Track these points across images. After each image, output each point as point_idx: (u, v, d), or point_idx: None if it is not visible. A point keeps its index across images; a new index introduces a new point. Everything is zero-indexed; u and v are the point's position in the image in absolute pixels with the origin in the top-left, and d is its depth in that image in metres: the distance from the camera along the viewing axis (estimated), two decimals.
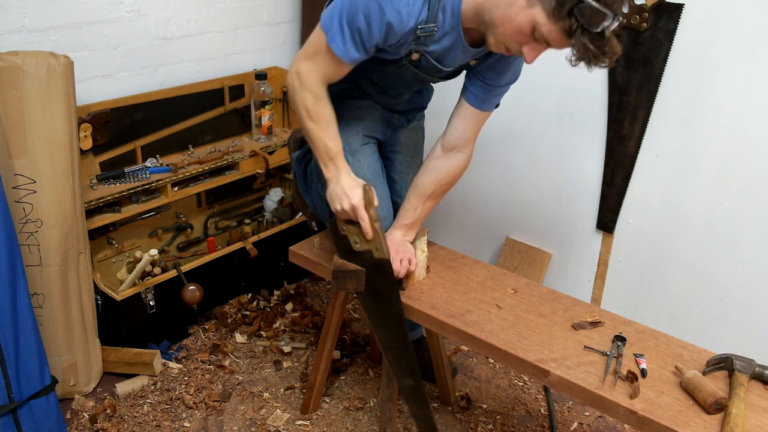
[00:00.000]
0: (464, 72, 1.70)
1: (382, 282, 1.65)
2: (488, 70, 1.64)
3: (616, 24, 1.27)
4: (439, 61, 1.58)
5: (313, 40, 1.53)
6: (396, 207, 1.86)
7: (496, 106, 1.72)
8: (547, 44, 1.35)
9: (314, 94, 1.54)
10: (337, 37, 1.46)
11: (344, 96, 1.81)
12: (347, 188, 1.56)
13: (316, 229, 2.58)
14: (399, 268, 1.68)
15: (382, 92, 1.80)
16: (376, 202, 1.58)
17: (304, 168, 2.00)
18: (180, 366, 2.28)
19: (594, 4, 1.23)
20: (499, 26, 1.38)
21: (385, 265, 1.61)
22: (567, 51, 1.35)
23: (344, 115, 1.78)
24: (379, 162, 1.86)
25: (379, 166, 1.85)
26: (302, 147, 2.06)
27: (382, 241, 1.59)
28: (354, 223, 1.59)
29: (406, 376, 1.74)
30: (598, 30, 1.26)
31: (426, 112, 2.01)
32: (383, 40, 1.47)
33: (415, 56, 1.55)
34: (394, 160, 1.93)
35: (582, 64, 1.32)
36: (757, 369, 1.44)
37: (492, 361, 2.39)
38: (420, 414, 1.80)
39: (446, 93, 1.99)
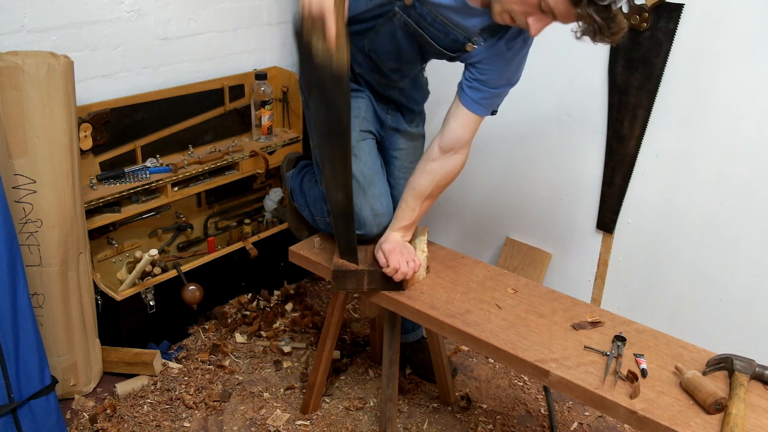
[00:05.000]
0: (462, 70, 1.68)
1: (336, 96, 1.52)
2: (486, 61, 1.60)
3: (623, 1, 1.27)
4: (434, 15, 1.54)
5: None
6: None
7: (494, 113, 1.70)
8: (553, 16, 1.35)
9: None
10: None
11: None
12: None
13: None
14: (407, 269, 1.67)
15: (375, 69, 1.75)
16: (346, 12, 1.47)
17: (300, 181, 2.00)
18: (180, 366, 2.28)
19: None
20: None
21: (343, 78, 1.48)
22: (567, 50, 1.35)
23: None
24: (378, 158, 1.86)
25: (378, 162, 1.84)
26: (296, 165, 2.06)
27: (344, 51, 1.47)
28: (320, 29, 1.45)
29: (339, 190, 1.66)
30: (605, 2, 1.26)
31: (425, 111, 2.01)
32: None
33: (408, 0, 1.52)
34: (393, 164, 1.92)
35: (587, 37, 1.32)
36: (757, 369, 1.44)
37: (492, 361, 2.39)
38: (345, 238, 1.73)
39: (448, 94, 1.99)
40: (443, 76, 1.98)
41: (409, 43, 1.64)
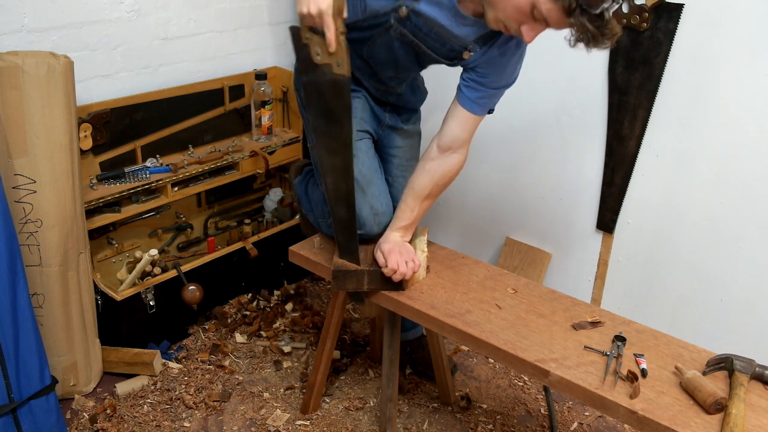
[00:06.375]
0: (460, 72, 1.69)
1: (336, 102, 1.53)
2: (482, 65, 1.61)
3: (615, 6, 1.27)
4: (429, 26, 1.55)
5: None
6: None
7: (491, 112, 1.71)
8: (546, 24, 1.35)
9: None
10: None
11: None
12: None
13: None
14: (406, 270, 1.67)
15: (373, 75, 1.77)
16: (345, 13, 1.46)
17: (305, 186, 2.01)
18: (180, 366, 2.28)
19: None
20: (498, 3, 1.37)
21: (343, 83, 1.49)
22: (566, 50, 1.35)
23: None
24: (376, 158, 1.86)
25: (376, 162, 1.84)
26: (302, 172, 2.07)
27: (344, 55, 1.47)
28: (318, 32, 1.46)
29: (341, 204, 1.67)
30: (598, 11, 1.26)
31: (423, 112, 2.01)
32: None
33: (403, 11, 1.53)
34: (390, 162, 1.92)
35: (581, 45, 1.32)
36: (757, 369, 1.44)
37: (492, 361, 2.39)
38: (346, 246, 1.74)
39: (447, 95, 1.99)
40: (442, 76, 1.98)
41: (406, 52, 1.65)
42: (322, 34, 1.43)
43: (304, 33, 1.47)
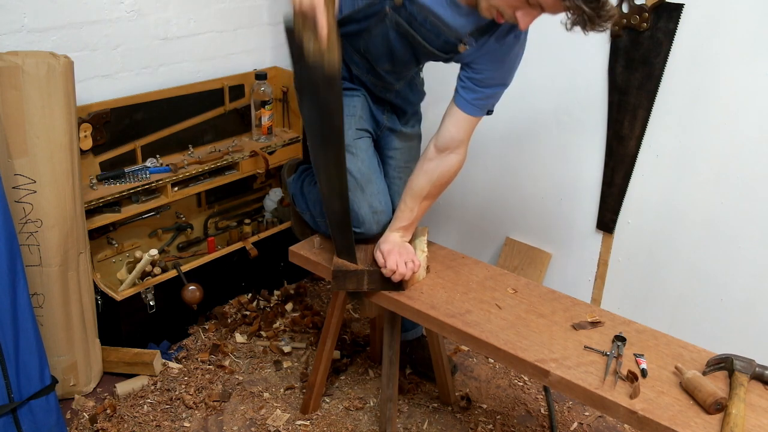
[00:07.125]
0: (457, 71, 1.69)
1: (329, 97, 1.51)
2: (478, 61, 1.61)
3: None
4: (424, 15, 1.55)
5: None
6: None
7: (489, 113, 1.71)
8: (541, 8, 1.34)
9: None
10: None
11: None
12: None
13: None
14: (405, 270, 1.67)
15: (370, 70, 1.77)
16: (337, 6, 1.45)
17: (300, 185, 2.01)
18: (180, 366, 2.28)
19: None
20: None
21: (336, 79, 1.47)
22: (566, 50, 1.35)
23: None
24: (375, 156, 1.86)
25: (375, 160, 1.84)
26: (296, 170, 2.07)
27: (336, 51, 1.45)
28: (311, 28, 1.43)
29: (335, 197, 1.67)
30: None
31: (423, 109, 2.01)
32: None
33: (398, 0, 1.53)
34: (388, 165, 1.92)
35: (577, 27, 1.31)
36: (757, 369, 1.44)
37: (492, 361, 2.39)
38: (342, 242, 1.74)
39: (445, 94, 1.99)
40: (441, 76, 1.98)
41: (401, 44, 1.65)
42: (315, 30, 1.41)
43: (297, 29, 1.45)
